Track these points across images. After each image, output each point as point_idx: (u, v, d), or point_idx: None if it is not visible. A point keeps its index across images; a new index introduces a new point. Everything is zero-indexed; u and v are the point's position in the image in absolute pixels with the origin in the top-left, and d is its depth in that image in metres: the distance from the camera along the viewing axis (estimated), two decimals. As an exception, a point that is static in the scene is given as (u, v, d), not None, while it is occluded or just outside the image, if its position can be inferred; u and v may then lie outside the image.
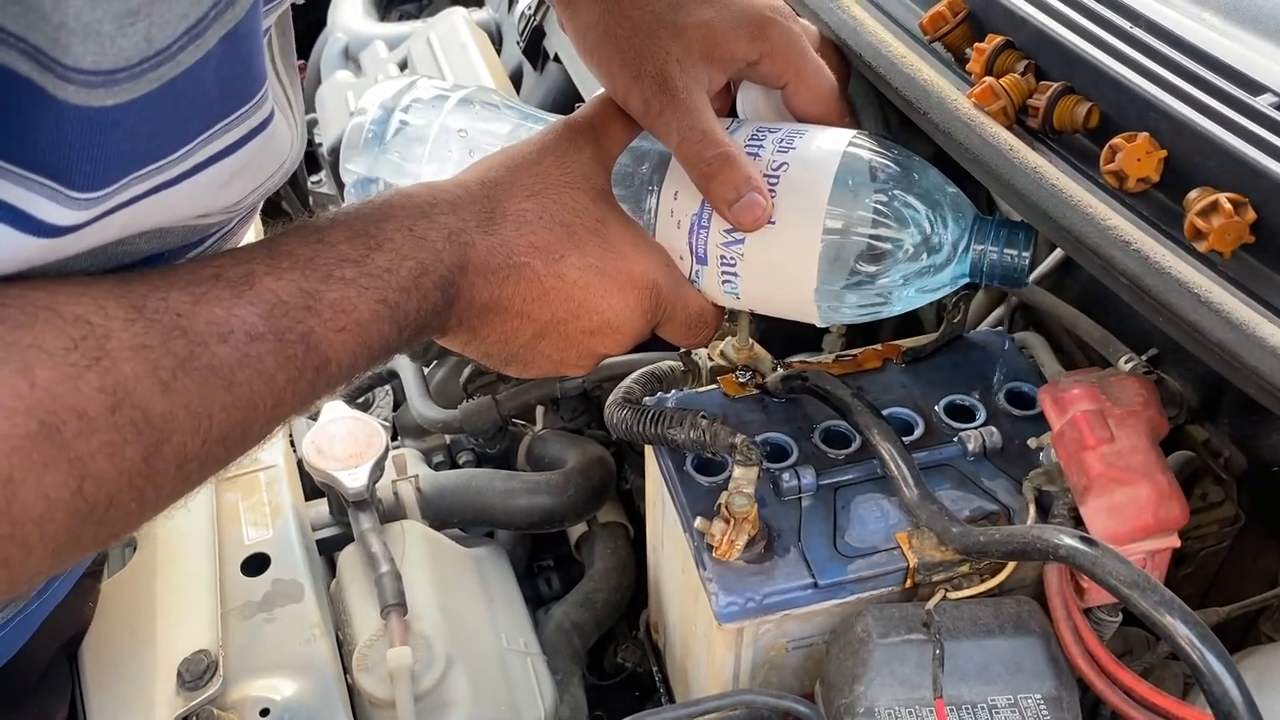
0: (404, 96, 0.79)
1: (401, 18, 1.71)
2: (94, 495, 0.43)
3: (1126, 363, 0.82)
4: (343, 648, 0.82)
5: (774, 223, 0.66)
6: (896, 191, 0.67)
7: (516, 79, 1.33)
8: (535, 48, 1.24)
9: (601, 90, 0.71)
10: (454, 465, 1.13)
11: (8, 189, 0.41)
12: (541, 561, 1.15)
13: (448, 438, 1.15)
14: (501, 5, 1.38)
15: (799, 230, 0.66)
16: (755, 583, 0.68)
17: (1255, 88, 0.62)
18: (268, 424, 0.51)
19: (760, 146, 0.68)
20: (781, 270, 0.68)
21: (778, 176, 0.67)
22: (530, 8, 1.21)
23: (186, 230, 0.53)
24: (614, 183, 0.69)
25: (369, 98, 0.79)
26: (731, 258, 0.68)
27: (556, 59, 1.19)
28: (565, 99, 1.18)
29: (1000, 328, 0.89)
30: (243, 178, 0.53)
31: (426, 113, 0.79)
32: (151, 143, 0.45)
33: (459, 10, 1.36)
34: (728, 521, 0.68)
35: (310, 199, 1.43)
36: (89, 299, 0.44)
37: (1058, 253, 0.90)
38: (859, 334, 1.05)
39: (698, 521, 0.70)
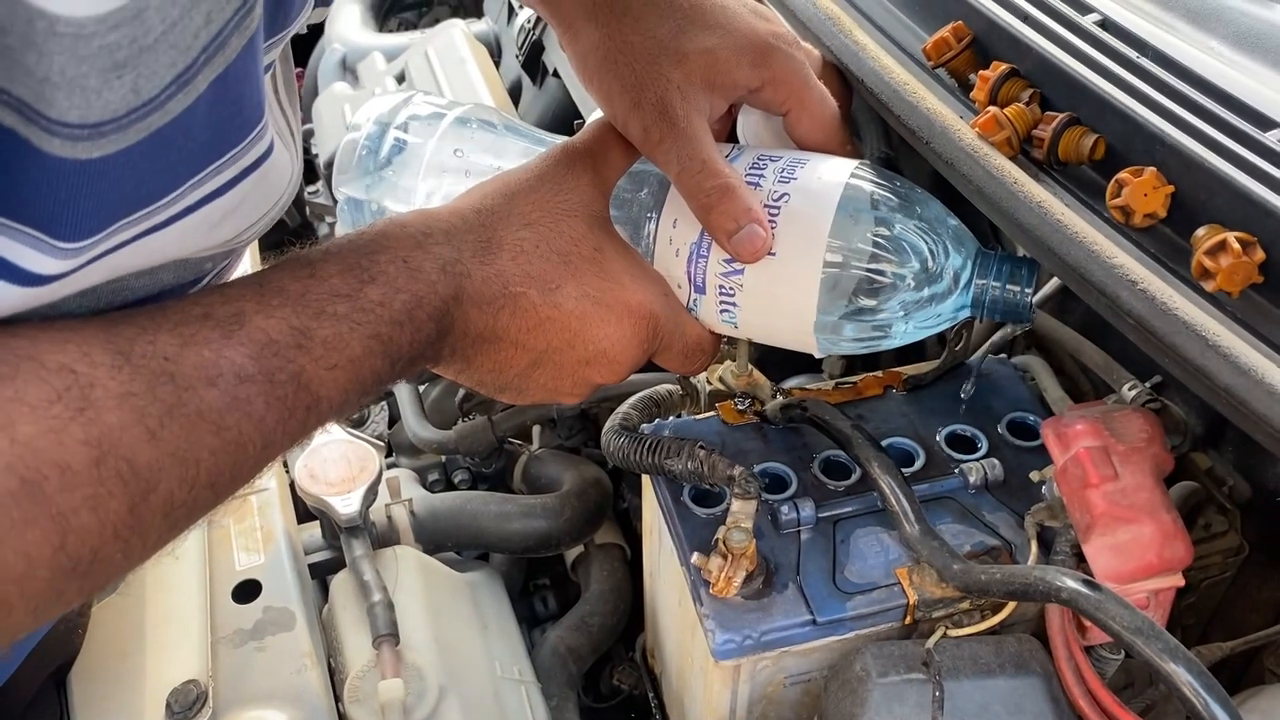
0: (400, 113, 0.78)
1: (400, 27, 1.70)
2: (77, 550, 0.41)
3: (1130, 389, 0.81)
4: (334, 676, 0.81)
5: (774, 254, 0.65)
6: (898, 224, 0.66)
7: (515, 92, 1.32)
8: (534, 62, 1.23)
9: (600, 114, 0.70)
10: (449, 484, 1.13)
11: None
12: (537, 580, 1.14)
13: (443, 457, 1.14)
14: (501, 17, 1.37)
15: (799, 262, 0.65)
16: (753, 619, 0.67)
17: (1265, 123, 0.61)
18: (256, 466, 0.50)
19: (761, 175, 0.67)
20: (781, 302, 0.67)
21: (778, 207, 0.66)
22: (530, 22, 1.20)
23: (179, 267, 0.52)
24: (612, 207, 0.68)
25: (364, 113, 0.78)
26: (730, 288, 0.67)
27: (556, 74, 1.18)
28: (564, 114, 1.17)
29: (1003, 355, 0.88)
30: (236, 216, 0.52)
31: (422, 130, 0.77)
32: (139, 191, 0.44)
33: (458, 23, 1.34)
34: (725, 557, 0.67)
35: (308, 209, 1.42)
36: (73, 346, 0.43)
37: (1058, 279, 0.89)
38: (859, 357, 1.04)
39: (695, 557, 0.69)
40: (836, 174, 0.67)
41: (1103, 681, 0.66)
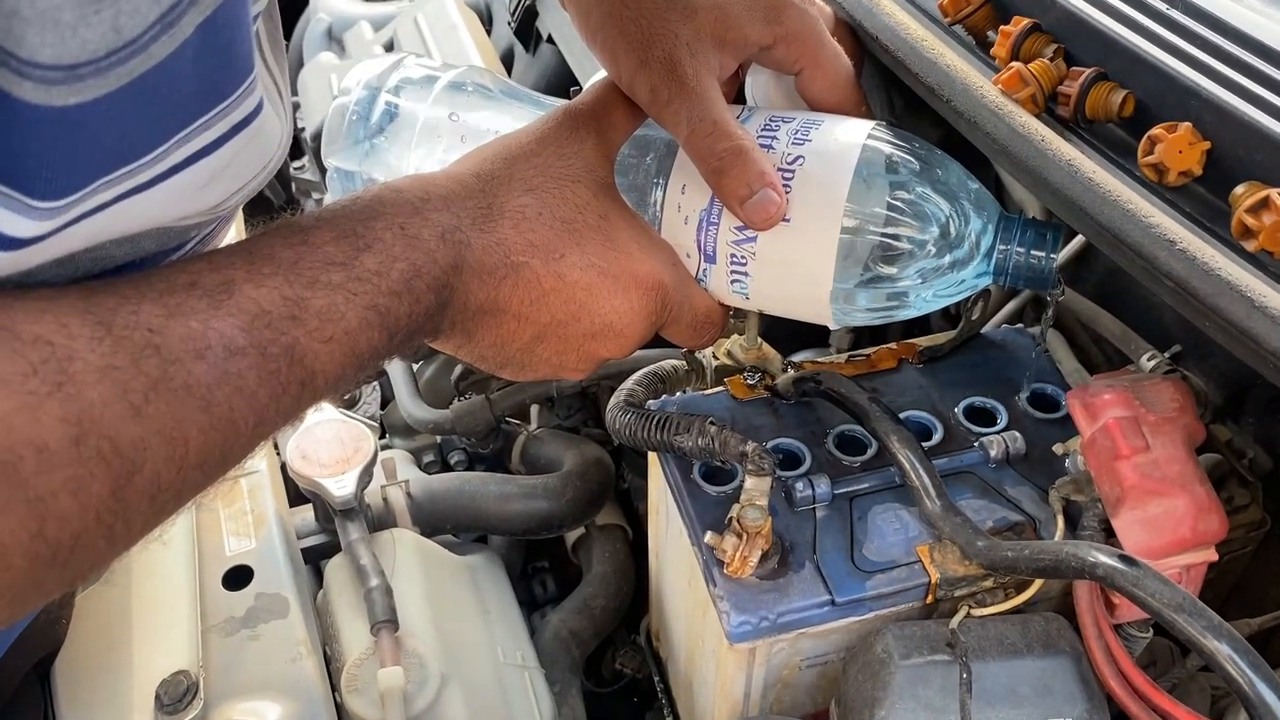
0: (391, 76, 0.74)
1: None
2: (57, 537, 0.38)
3: (1149, 360, 0.78)
4: (330, 664, 0.78)
5: (789, 220, 0.62)
6: (917, 188, 0.63)
7: (507, 60, 1.28)
8: (527, 28, 1.19)
9: (603, 74, 0.66)
10: (445, 465, 1.10)
11: None
12: (536, 563, 1.12)
13: (439, 437, 1.11)
14: (491, -16, 1.33)
15: (815, 229, 0.62)
16: (769, 600, 0.65)
17: (1305, 74, 0.58)
18: (249, 445, 0.47)
19: (774, 137, 0.64)
20: (795, 270, 0.64)
21: (793, 171, 0.63)
22: (522, -13, 1.16)
23: (163, 234, 0.48)
24: (616, 173, 0.64)
25: (353, 77, 0.74)
26: (742, 256, 0.64)
27: (550, 40, 1.15)
28: (559, 81, 1.14)
29: (1020, 325, 0.85)
30: (224, 178, 0.49)
31: (415, 94, 0.74)
32: (121, 145, 0.41)
33: (448, -11, 1.31)
34: (740, 536, 0.64)
35: (294, 185, 1.38)
36: (50, 316, 0.39)
37: (1073, 245, 0.86)
38: (867, 331, 1.02)
39: (708, 536, 0.66)
40: (853, 135, 0.64)
41: (1133, 661, 0.63)
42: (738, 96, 0.75)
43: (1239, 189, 0.56)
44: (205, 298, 0.45)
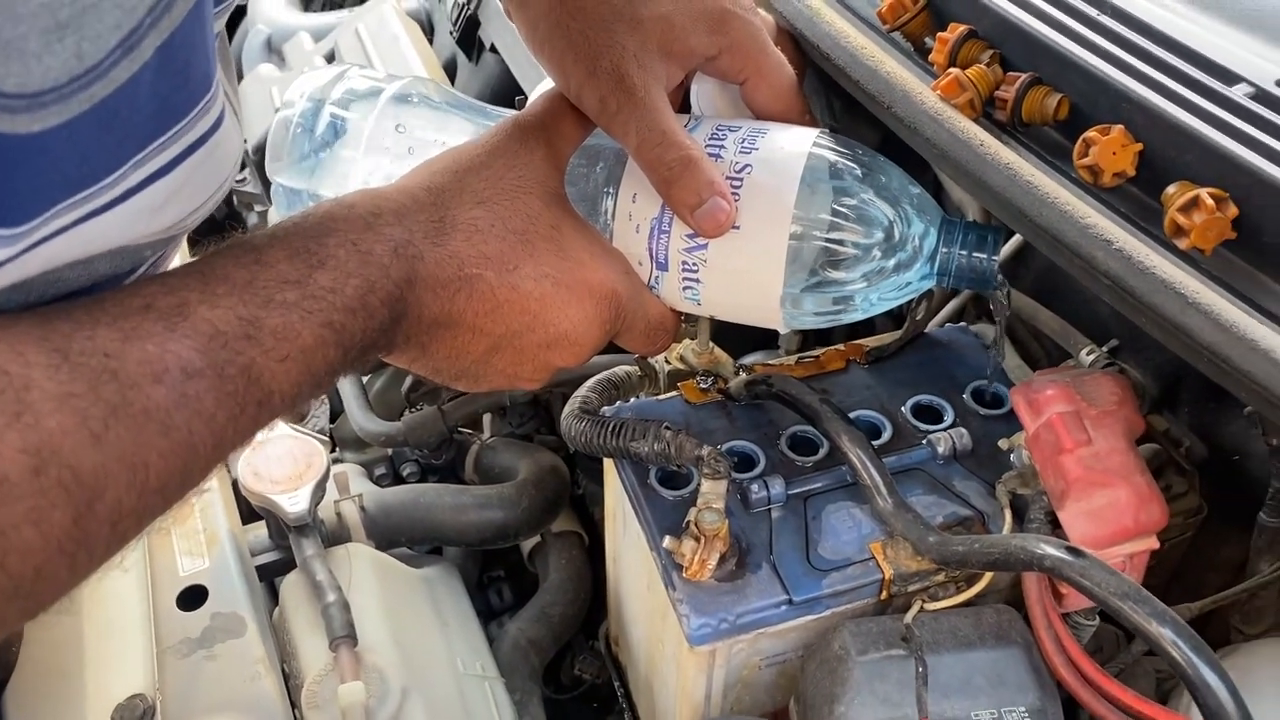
0: (335, 88, 0.74)
1: (326, 7, 1.64)
2: (18, 570, 0.38)
3: (1088, 354, 0.80)
4: (289, 682, 0.77)
5: (738, 228, 0.63)
6: (861, 194, 0.65)
7: (450, 70, 1.28)
8: (470, 38, 1.19)
9: (550, 85, 0.67)
10: (397, 478, 1.09)
11: None
12: (492, 573, 1.12)
13: (390, 450, 1.10)
14: (431, -6, 1.33)
15: (764, 235, 0.63)
16: (728, 602, 0.66)
17: (1230, 77, 0.60)
18: (206, 467, 0.47)
19: (721, 146, 0.65)
20: (746, 276, 0.65)
21: (741, 179, 0.64)
22: (463, -3, 1.16)
23: (117, 256, 0.48)
24: (566, 184, 0.65)
25: (296, 89, 0.74)
26: (694, 264, 0.65)
27: (493, 49, 1.15)
28: (503, 89, 1.14)
29: (962, 323, 0.87)
30: (180, 198, 0.48)
31: (360, 106, 0.74)
32: (82, 169, 0.40)
33: (390, 1, 1.30)
34: (698, 540, 0.65)
35: (235, 199, 1.37)
36: (5, 345, 0.39)
37: (1012, 243, 0.88)
38: (814, 333, 1.03)
39: (666, 541, 0.66)
40: (798, 144, 0.65)
41: (1082, 649, 0.65)
42: (683, 105, 0.76)
43: (1170, 189, 0.58)
44: (161, 320, 0.44)
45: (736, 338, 0.91)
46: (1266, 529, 0.74)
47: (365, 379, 1.13)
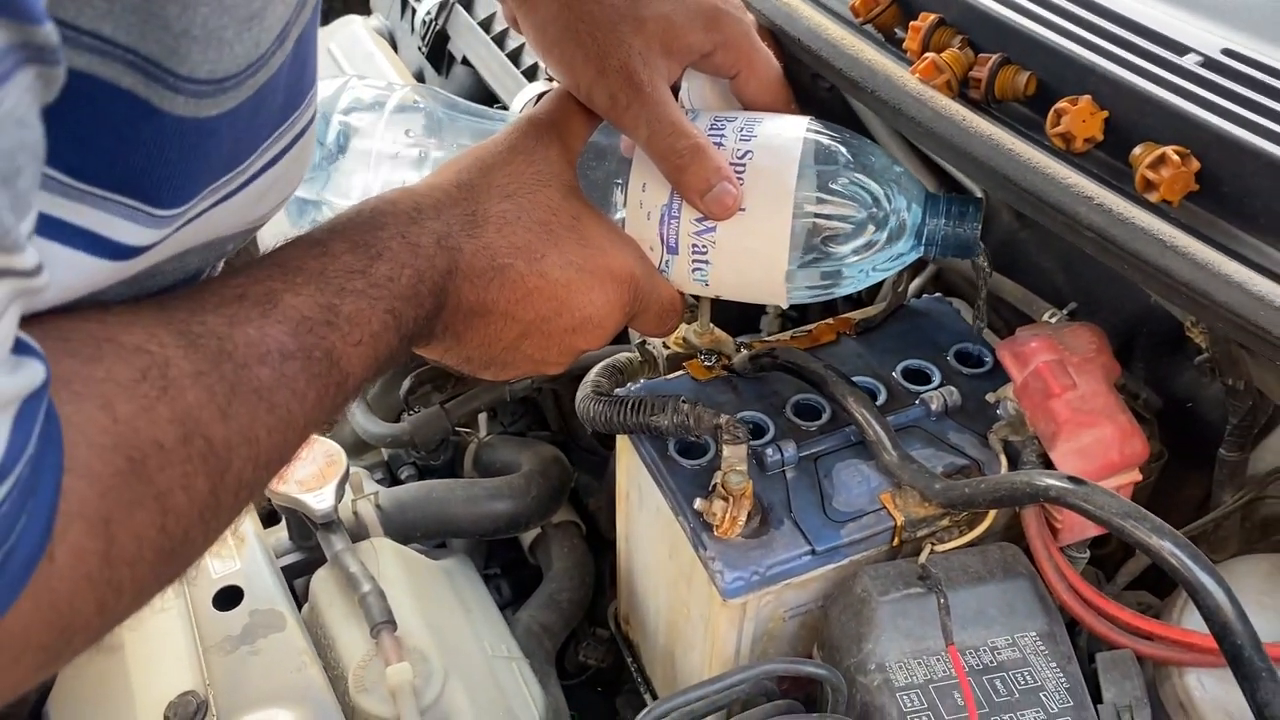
0: (341, 99, 0.77)
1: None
2: (174, 531, 0.41)
3: (1050, 318, 0.87)
4: (328, 674, 0.80)
5: (744, 209, 0.68)
6: (853, 173, 0.70)
7: (418, 82, 1.31)
8: (440, 51, 1.23)
9: (532, 91, 0.71)
10: (395, 481, 1.11)
11: (87, 213, 0.39)
12: (488, 570, 1.14)
13: (386, 453, 1.13)
14: (393, 12, 1.36)
15: (769, 215, 0.68)
16: (756, 556, 0.70)
17: (1180, 48, 0.67)
18: (299, 443, 0.50)
19: (723, 135, 0.70)
20: (753, 255, 0.70)
21: (744, 164, 0.69)
22: (431, 13, 1.20)
23: (206, 250, 0.51)
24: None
25: None
26: (703, 246, 0.70)
27: (465, 61, 1.18)
28: (476, 100, 1.17)
29: (938, 294, 0.93)
30: (276, 188, 0.52)
31: (367, 115, 0.77)
32: (234, 152, 0.44)
33: (356, 18, 1.33)
34: (726, 500, 0.70)
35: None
36: (139, 328, 0.42)
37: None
38: (789, 319, 1.09)
39: (698, 503, 0.71)
40: (794, 129, 0.70)
41: (1080, 575, 0.71)
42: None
43: (1137, 150, 0.64)
44: (255, 307, 0.48)
45: (719, 324, 0.96)
46: (1226, 462, 0.81)
47: (362, 386, 1.15)
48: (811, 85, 0.85)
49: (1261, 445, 0.84)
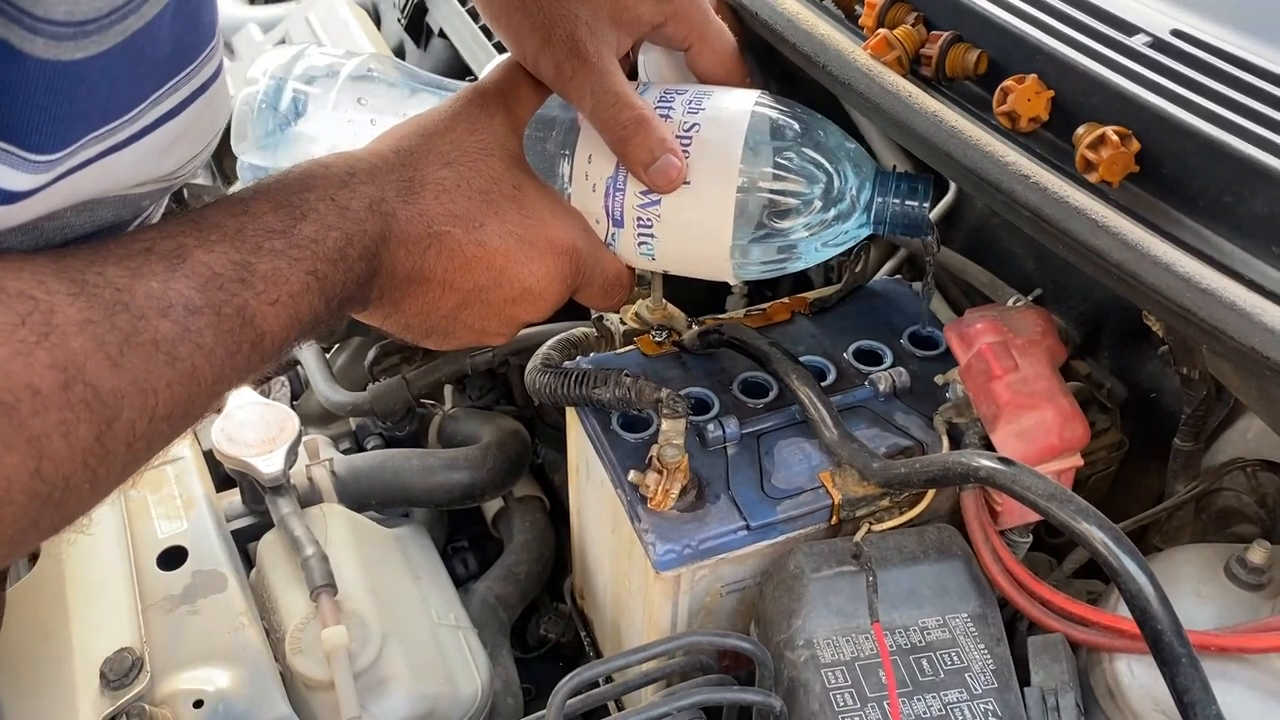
0: (296, 65, 0.77)
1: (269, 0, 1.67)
2: (51, 476, 0.41)
3: (1015, 303, 0.86)
4: (269, 636, 0.80)
5: (689, 183, 0.68)
6: (802, 148, 0.69)
7: (399, 56, 1.31)
8: (418, 24, 1.23)
9: (505, 56, 0.71)
10: (361, 450, 1.12)
11: None
12: (455, 543, 1.15)
13: (353, 423, 1.13)
14: (376, -16, 1.36)
15: (713, 189, 0.68)
16: (690, 530, 0.70)
17: (1129, 29, 0.66)
18: (207, 400, 0.50)
19: (670, 108, 0.69)
20: (698, 229, 0.69)
21: (690, 137, 0.68)
22: (411, -15, 1.20)
23: (120, 203, 0.51)
24: (524, 149, 0.69)
25: (257, 68, 0.77)
26: (648, 219, 0.69)
27: (442, 34, 1.18)
28: (452, 73, 1.17)
29: (898, 276, 0.93)
30: (183, 142, 0.52)
31: (322, 82, 0.77)
32: (110, 100, 0.44)
33: (338, -11, 1.33)
34: (660, 472, 0.70)
35: (185, 190, 1.38)
36: (28, 274, 0.42)
37: (942, 204, 0.94)
38: (760, 299, 1.08)
39: (631, 475, 0.71)
40: (742, 103, 0.70)
41: (1017, 559, 0.71)
42: (630, 75, 0.80)
43: (1080, 130, 0.63)
44: (162, 261, 0.48)
45: (683, 304, 0.96)
46: (1180, 453, 0.81)
47: (329, 354, 1.16)
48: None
49: (1221, 438, 0.84)
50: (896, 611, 0.67)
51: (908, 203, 0.71)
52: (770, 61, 0.88)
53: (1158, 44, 0.65)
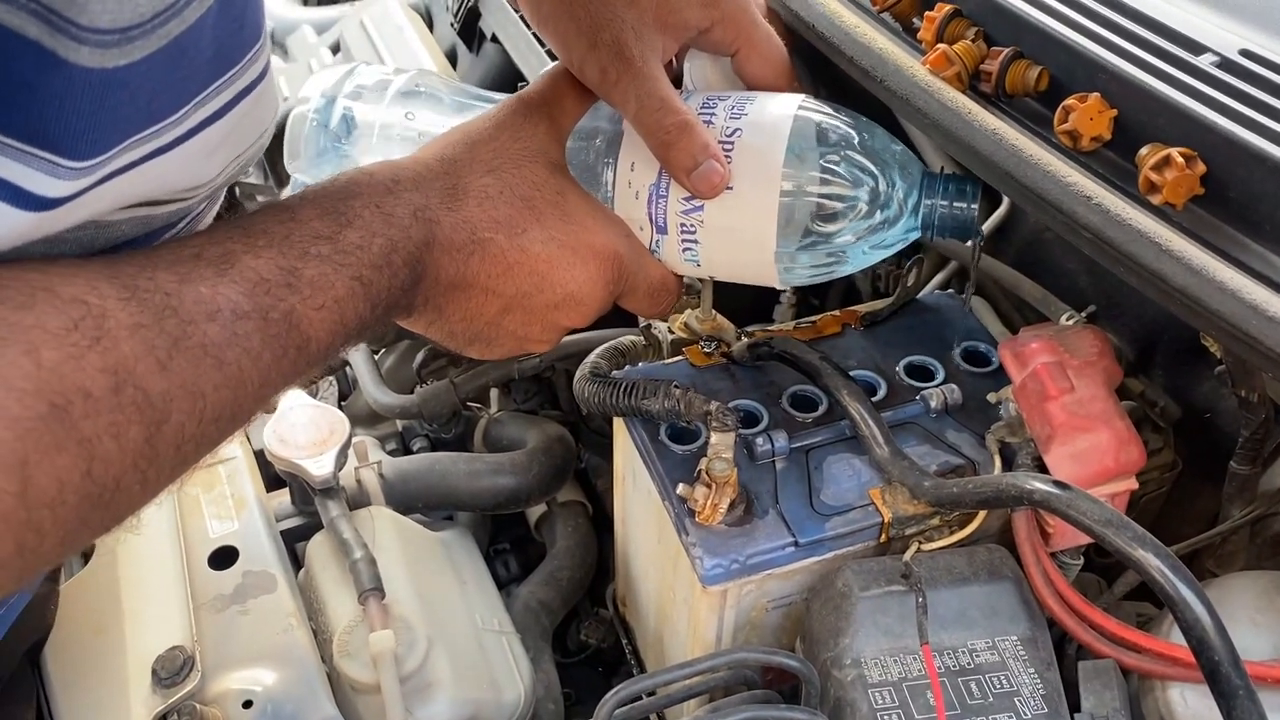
0: (346, 84, 0.78)
1: (324, 1, 1.68)
2: (102, 477, 0.42)
3: (1068, 320, 0.85)
4: (317, 638, 0.81)
5: (732, 188, 0.68)
6: (847, 151, 0.69)
7: (451, 60, 1.32)
8: (470, 29, 1.23)
9: (550, 65, 0.71)
10: (407, 452, 1.13)
11: (3, 164, 0.40)
12: (498, 545, 1.15)
13: (400, 425, 1.14)
14: (429, -13, 1.37)
15: (756, 194, 0.68)
16: (738, 544, 0.70)
17: (1196, 48, 0.65)
18: (255, 404, 0.51)
19: (713, 113, 0.69)
20: (741, 234, 0.69)
21: (732, 142, 0.68)
22: (464, -11, 1.20)
23: (167, 210, 0.52)
24: (568, 158, 0.69)
25: (310, 87, 0.78)
26: (691, 225, 0.69)
27: (494, 39, 1.19)
28: (505, 78, 1.18)
29: (950, 290, 0.92)
30: (227, 145, 0.52)
31: (371, 98, 0.78)
32: (153, 105, 0.44)
33: (392, -8, 1.34)
34: (709, 486, 0.69)
35: (238, 189, 1.40)
36: (82, 279, 0.43)
37: (995, 218, 0.93)
38: (808, 308, 1.08)
39: (680, 488, 0.71)
40: (785, 108, 0.69)
41: (1068, 582, 0.70)
42: (676, 83, 0.80)
43: (1143, 150, 0.62)
44: (210, 266, 0.49)
45: (730, 313, 0.96)
46: (1237, 476, 0.79)
47: (377, 356, 1.17)
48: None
49: (1278, 462, 0.82)
50: (946, 633, 0.66)
51: (956, 204, 0.70)
52: (819, 68, 0.88)
53: (1225, 64, 0.63)
